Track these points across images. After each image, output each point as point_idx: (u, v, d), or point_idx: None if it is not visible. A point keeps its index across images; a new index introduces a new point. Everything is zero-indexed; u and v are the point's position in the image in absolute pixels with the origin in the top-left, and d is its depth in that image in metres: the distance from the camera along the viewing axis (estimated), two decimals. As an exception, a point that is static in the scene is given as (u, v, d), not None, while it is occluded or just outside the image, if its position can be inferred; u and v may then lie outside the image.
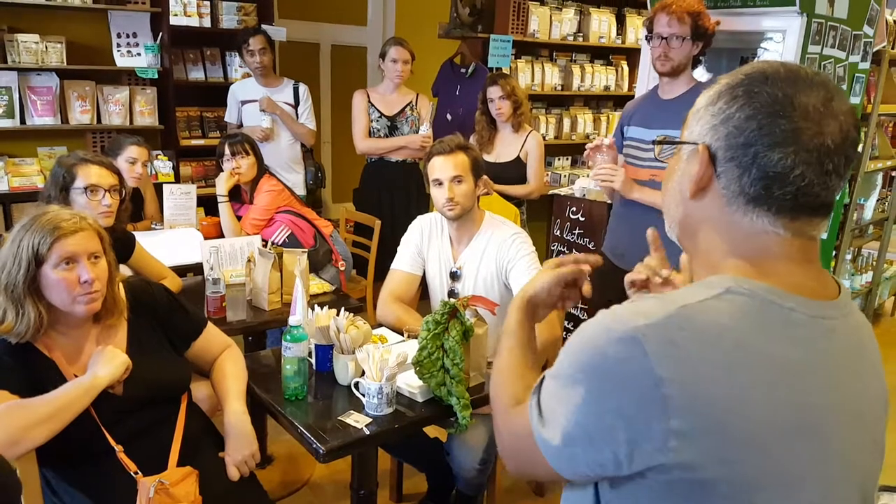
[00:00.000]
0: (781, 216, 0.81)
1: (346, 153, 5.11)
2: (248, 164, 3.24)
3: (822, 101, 0.79)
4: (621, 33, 5.45)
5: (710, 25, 2.42)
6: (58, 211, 1.59)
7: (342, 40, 5.56)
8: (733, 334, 0.77)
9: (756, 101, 0.80)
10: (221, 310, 2.42)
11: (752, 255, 0.84)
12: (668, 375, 0.74)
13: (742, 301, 0.79)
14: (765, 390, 0.76)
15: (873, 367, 0.90)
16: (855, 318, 0.89)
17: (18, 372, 1.52)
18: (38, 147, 3.89)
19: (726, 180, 0.83)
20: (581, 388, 0.80)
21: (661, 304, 0.79)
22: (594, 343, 0.80)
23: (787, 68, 0.82)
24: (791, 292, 0.82)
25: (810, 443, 0.79)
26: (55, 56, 3.72)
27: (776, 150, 0.79)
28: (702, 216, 0.87)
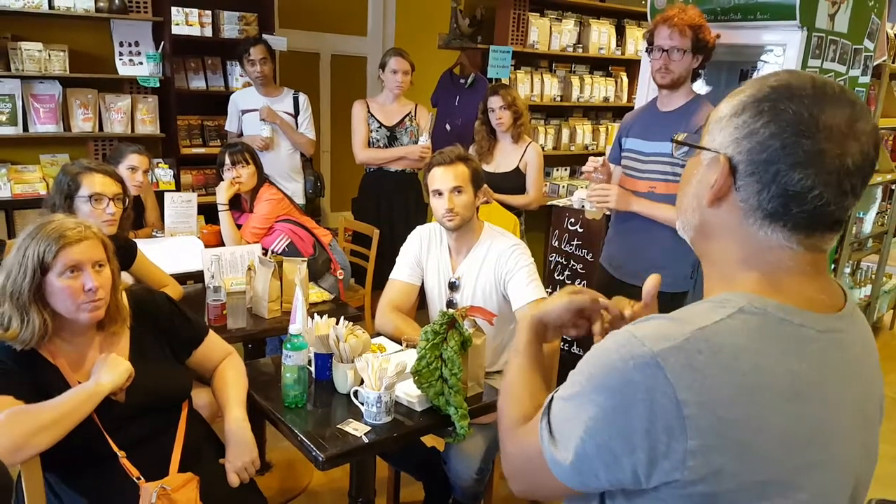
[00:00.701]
0: (797, 232, 0.83)
1: (345, 162, 5.13)
2: (248, 173, 3.26)
3: (846, 121, 0.80)
4: (621, 45, 5.49)
5: (711, 39, 2.44)
6: (63, 219, 1.62)
7: (342, 50, 5.60)
8: (749, 355, 0.78)
9: (782, 118, 0.80)
10: (222, 318, 2.44)
11: (766, 269, 0.85)
12: (688, 398, 0.75)
13: (756, 321, 0.81)
14: (781, 408, 0.78)
15: (875, 371, 0.93)
16: (860, 325, 0.92)
17: (23, 378, 1.54)
18: (41, 154, 3.91)
19: (745, 194, 0.83)
20: (597, 409, 0.80)
21: (677, 326, 0.80)
22: (613, 366, 0.80)
23: (815, 84, 0.82)
24: (802, 308, 0.83)
25: (818, 453, 0.81)
26: (58, 64, 3.75)
27: (797, 171, 0.79)
28: (718, 224, 0.88)
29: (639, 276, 2.51)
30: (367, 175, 4.02)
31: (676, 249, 2.59)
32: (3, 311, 1.55)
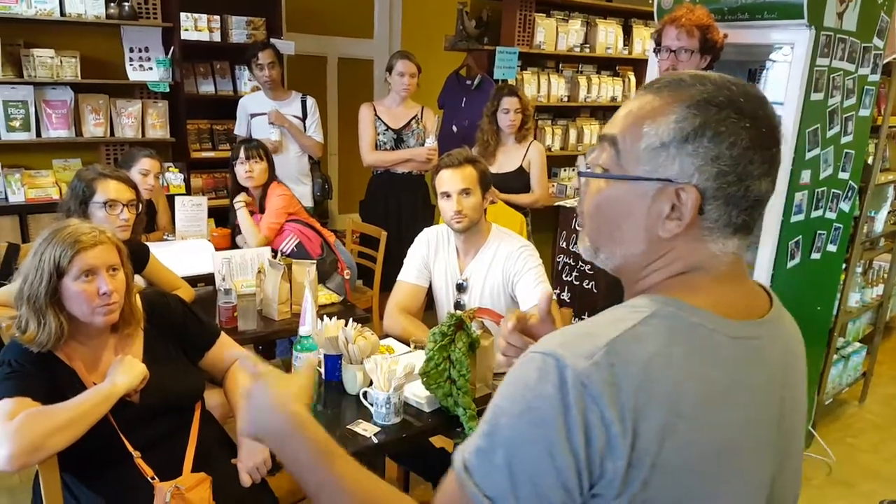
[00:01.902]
0: (746, 236, 0.83)
1: (352, 165, 5.15)
2: (260, 168, 3.30)
3: (773, 118, 0.81)
4: (628, 44, 5.49)
5: (719, 39, 2.44)
6: (78, 224, 1.65)
7: (349, 53, 5.62)
8: (659, 363, 0.74)
9: (743, 136, 0.78)
10: (233, 319, 2.47)
11: (694, 276, 0.82)
12: (613, 415, 0.71)
13: (666, 325, 0.77)
14: (692, 417, 0.75)
15: (798, 380, 0.91)
16: (784, 333, 0.89)
17: (40, 380, 1.57)
18: (53, 159, 3.96)
19: (715, 215, 0.80)
20: (521, 436, 0.74)
21: (591, 340, 0.75)
22: (538, 392, 0.74)
23: (739, 88, 0.80)
24: (718, 313, 0.80)
25: (729, 462, 0.79)
26: (70, 70, 3.79)
27: (763, 180, 0.80)
28: (670, 249, 0.83)
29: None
30: (374, 177, 4.04)
31: None
32: (21, 315, 1.59)
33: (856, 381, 3.82)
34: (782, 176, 2.59)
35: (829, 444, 3.31)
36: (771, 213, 2.65)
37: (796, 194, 2.65)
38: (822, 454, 3.27)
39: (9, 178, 3.72)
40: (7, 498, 2.69)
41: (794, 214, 2.67)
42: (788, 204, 2.63)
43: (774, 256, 2.67)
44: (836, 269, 3.05)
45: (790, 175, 2.60)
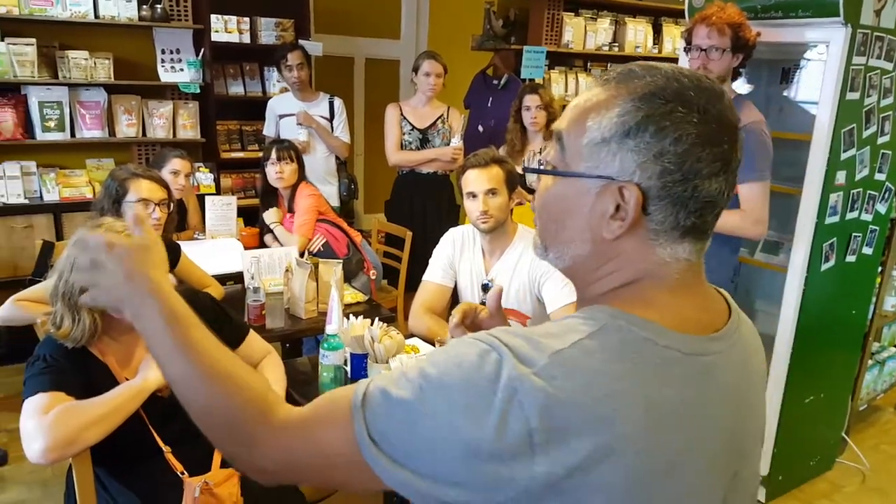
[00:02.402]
0: (698, 241, 0.78)
1: (378, 165, 5.17)
2: (290, 170, 3.32)
3: (726, 114, 0.76)
4: (658, 43, 5.44)
5: (751, 37, 2.40)
6: (111, 223, 1.67)
7: (376, 54, 5.65)
8: (604, 380, 0.71)
9: (689, 131, 0.73)
10: (261, 317, 2.49)
11: (648, 286, 0.78)
12: (539, 426, 0.68)
13: (616, 340, 0.73)
14: (635, 438, 0.70)
15: (755, 398, 0.86)
16: (741, 347, 0.83)
17: (75, 375, 1.60)
18: (87, 159, 4.04)
19: (661, 216, 0.75)
20: (436, 407, 0.71)
21: (536, 350, 0.71)
22: (466, 373, 0.71)
23: (692, 80, 0.75)
24: (672, 328, 0.76)
25: (675, 485, 0.74)
26: (103, 72, 3.86)
27: (714, 180, 0.74)
28: (616, 252, 0.79)
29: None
30: (399, 177, 4.05)
31: (716, 252, 2.56)
32: (56, 311, 1.62)
33: (891, 386, 3.73)
34: (816, 177, 2.57)
35: (863, 450, 3.24)
36: (805, 214, 2.61)
37: (831, 196, 2.60)
38: (855, 461, 3.21)
39: (44, 178, 3.79)
40: (40, 490, 2.74)
41: (829, 216, 2.62)
42: (823, 205, 2.58)
43: (808, 259, 2.62)
44: (872, 272, 2.99)
45: (825, 176, 2.55)
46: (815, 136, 2.55)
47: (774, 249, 2.90)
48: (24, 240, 3.62)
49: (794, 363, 2.72)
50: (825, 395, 2.97)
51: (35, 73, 3.66)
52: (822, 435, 3.11)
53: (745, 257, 2.87)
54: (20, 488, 2.76)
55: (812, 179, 2.57)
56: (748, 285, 3.21)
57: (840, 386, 3.11)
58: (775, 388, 2.76)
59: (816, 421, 2.99)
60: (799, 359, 2.73)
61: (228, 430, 0.82)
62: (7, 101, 3.65)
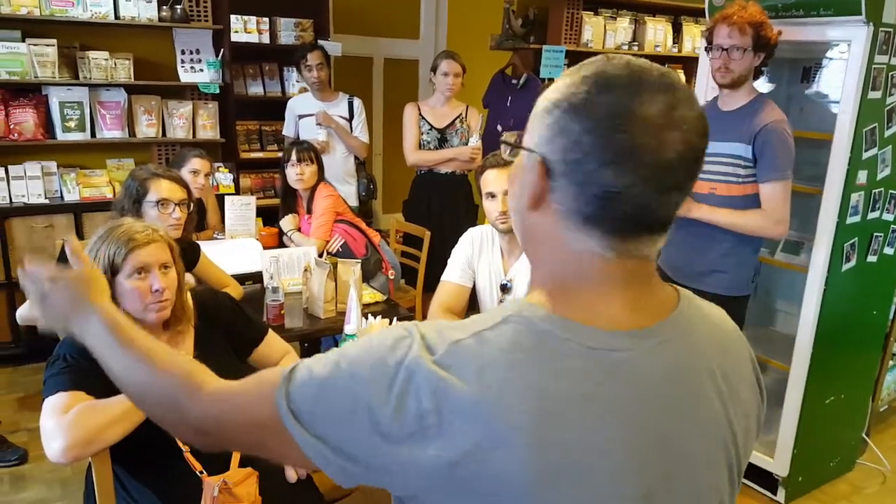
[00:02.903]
0: (612, 237, 0.75)
1: (396, 165, 5.18)
2: (310, 171, 3.34)
3: (665, 110, 0.72)
4: (678, 42, 5.41)
5: (773, 36, 2.38)
6: (131, 223, 1.69)
7: (395, 54, 5.66)
8: (496, 369, 0.72)
9: (595, 112, 0.72)
10: (280, 317, 2.51)
11: (567, 279, 0.78)
12: (431, 408, 0.71)
13: (514, 330, 0.74)
14: (526, 425, 0.70)
15: (696, 402, 0.80)
16: (681, 346, 0.80)
17: (95, 375, 1.59)
18: (107, 159, 4.08)
19: (561, 196, 0.75)
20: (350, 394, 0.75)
21: (440, 339, 0.75)
22: (380, 352, 0.76)
23: (631, 70, 0.74)
24: (579, 321, 0.75)
25: (580, 478, 0.72)
26: (123, 72, 3.90)
27: (612, 168, 0.72)
28: (539, 229, 0.80)
29: (698, 279, 2.50)
30: (417, 177, 4.06)
31: (737, 252, 2.54)
32: (77, 311, 1.63)
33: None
34: (838, 177, 2.54)
35: (883, 451, 3.20)
36: (826, 214, 2.58)
37: (852, 195, 2.57)
38: (876, 462, 3.17)
39: (64, 178, 3.84)
40: (60, 489, 2.78)
41: (850, 216, 2.59)
42: (844, 205, 2.55)
43: (829, 259, 2.60)
44: (893, 272, 2.95)
45: (846, 175, 2.52)
46: (837, 135, 2.52)
47: (795, 249, 2.87)
48: (45, 239, 3.67)
49: (814, 364, 2.70)
50: (845, 395, 2.94)
51: (56, 74, 3.71)
52: (843, 436, 3.08)
53: (765, 257, 2.85)
54: (40, 487, 2.79)
55: (833, 179, 2.55)
56: (768, 285, 3.18)
57: (860, 387, 3.08)
58: (795, 389, 2.74)
59: (837, 422, 2.96)
60: (819, 359, 2.70)
61: (164, 405, 0.92)
62: (28, 102, 3.70)
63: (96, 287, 1.05)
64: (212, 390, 0.89)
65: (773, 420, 2.90)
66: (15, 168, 3.69)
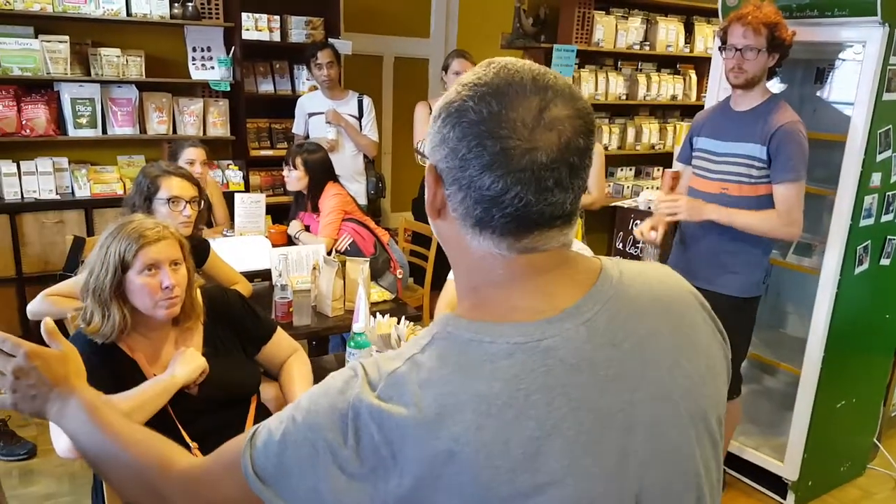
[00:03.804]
0: (505, 237, 0.76)
1: (406, 163, 5.18)
2: (295, 176, 3.37)
3: (535, 111, 0.73)
4: (689, 42, 5.38)
5: (788, 37, 2.36)
6: (142, 220, 1.69)
7: (405, 52, 5.65)
8: (430, 388, 0.73)
9: (466, 120, 0.74)
10: (288, 315, 2.51)
11: (478, 283, 0.80)
12: (382, 441, 0.72)
13: (441, 348, 0.76)
14: (470, 434, 0.70)
15: (642, 365, 0.78)
16: (608, 315, 0.78)
17: (104, 371, 1.61)
18: (118, 156, 4.09)
19: (453, 202, 0.77)
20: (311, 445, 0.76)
21: (380, 369, 0.76)
22: (331, 396, 0.77)
23: (500, 76, 0.75)
24: (501, 321, 0.76)
25: (541, 469, 0.71)
26: (135, 69, 3.91)
27: (487, 174, 0.73)
28: (445, 236, 0.82)
29: (709, 280, 2.48)
30: (428, 176, 4.04)
31: (748, 253, 2.53)
32: (86, 307, 1.64)
33: (926, 393, 3.65)
34: (851, 179, 2.52)
35: (894, 457, 3.18)
36: (839, 216, 2.56)
37: (866, 198, 2.55)
38: (887, 468, 3.15)
39: (76, 174, 3.85)
40: (69, 483, 2.79)
41: (864, 219, 2.57)
42: (857, 208, 2.53)
43: (842, 262, 2.57)
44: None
45: (859, 178, 2.50)
46: (850, 137, 2.50)
47: (807, 251, 2.85)
48: (56, 235, 3.68)
49: (825, 367, 2.67)
50: (857, 400, 2.91)
51: (68, 71, 3.72)
52: (854, 440, 3.05)
53: (776, 259, 2.82)
54: (49, 481, 2.81)
55: (846, 181, 2.53)
56: (779, 288, 3.16)
57: (872, 391, 3.05)
58: (806, 393, 2.72)
59: (848, 426, 2.94)
60: (830, 363, 2.68)
61: (142, 488, 0.95)
62: (40, 98, 3.71)
63: (75, 368, 1.07)
64: (182, 470, 0.92)
65: (783, 423, 2.89)
66: (26, 164, 3.70)
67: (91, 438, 1.00)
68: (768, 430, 3.05)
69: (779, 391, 3.19)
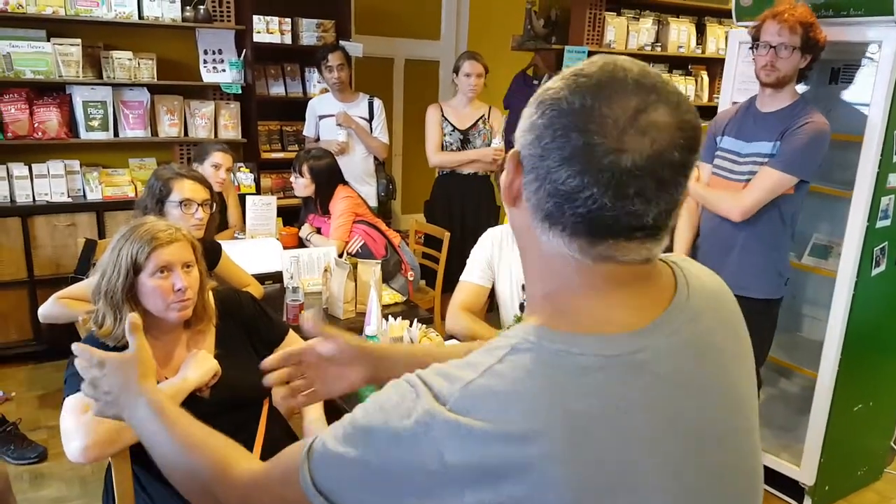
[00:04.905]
0: (576, 238, 0.72)
1: (416, 165, 5.17)
2: (301, 183, 3.38)
3: (630, 112, 0.68)
4: (701, 43, 5.35)
5: (821, 38, 2.33)
6: (154, 222, 1.68)
7: (415, 55, 5.65)
8: (516, 404, 0.69)
9: (556, 108, 0.71)
10: (300, 317, 2.50)
11: (555, 286, 0.76)
12: (458, 460, 0.68)
13: (527, 359, 0.71)
14: (562, 453, 0.67)
15: (721, 375, 0.79)
16: (693, 326, 0.77)
17: (116, 373, 1.61)
18: (130, 158, 4.10)
19: (528, 192, 0.74)
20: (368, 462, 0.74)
21: (449, 384, 0.72)
22: (391, 413, 0.73)
23: (604, 70, 0.71)
24: (588, 332, 0.72)
25: (635, 491, 0.70)
26: (146, 72, 3.92)
27: (565, 167, 0.69)
28: (518, 226, 0.79)
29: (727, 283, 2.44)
30: (439, 178, 4.04)
31: (768, 255, 2.50)
32: (98, 309, 1.63)
33: (943, 396, 3.61)
34: (867, 180, 2.49)
35: (913, 462, 3.14)
36: (855, 218, 2.53)
37: (882, 199, 2.52)
38: (905, 473, 3.11)
39: (87, 177, 3.87)
40: (79, 487, 2.79)
41: (880, 220, 2.54)
42: (874, 209, 2.50)
43: (858, 263, 2.54)
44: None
45: (876, 179, 2.47)
46: (867, 137, 2.47)
47: (823, 253, 2.82)
48: (67, 238, 3.69)
49: (842, 370, 2.64)
50: (874, 403, 2.88)
51: (80, 73, 3.73)
52: (871, 444, 3.02)
53: (792, 261, 2.79)
54: (59, 485, 2.80)
55: (863, 182, 2.49)
56: (795, 290, 3.13)
57: (889, 394, 3.01)
58: (822, 396, 2.68)
59: (865, 430, 2.90)
60: (847, 366, 2.65)
61: (203, 488, 0.96)
62: (52, 101, 3.72)
63: (144, 369, 1.11)
64: (239, 475, 0.91)
65: (799, 428, 2.85)
66: (38, 166, 3.72)
67: (156, 438, 1.02)
68: (784, 434, 3.01)
69: (795, 394, 3.16)
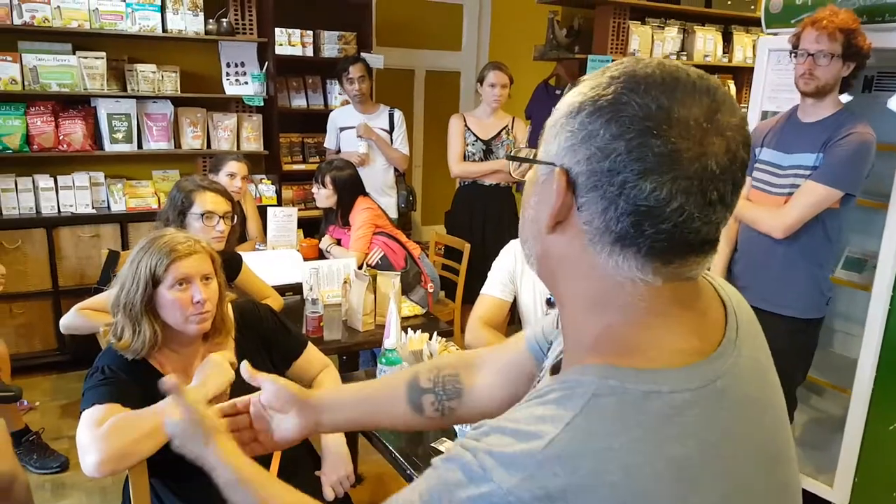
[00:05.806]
0: (652, 259, 0.65)
1: (436, 176, 5.15)
2: (323, 194, 3.37)
3: (706, 113, 0.63)
4: (728, 52, 5.28)
5: (865, 45, 2.25)
6: (174, 234, 1.67)
7: (436, 66, 5.64)
8: (614, 459, 0.61)
9: (624, 114, 0.63)
10: (319, 329, 2.48)
11: (619, 317, 0.68)
12: None
13: (613, 406, 0.63)
14: None
15: (773, 395, 0.75)
16: (748, 346, 0.72)
17: (133, 387, 1.59)
18: (153, 170, 4.13)
19: (589, 214, 0.65)
20: None
21: (524, 446, 0.62)
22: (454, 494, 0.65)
23: (665, 70, 0.65)
24: (669, 366, 0.66)
25: None
26: (170, 84, 3.94)
27: (648, 179, 0.62)
28: (561, 255, 0.70)
29: (767, 300, 2.37)
30: (461, 188, 4.01)
31: (811, 272, 2.42)
32: (117, 322, 1.62)
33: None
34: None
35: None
36: (891, 230, 2.44)
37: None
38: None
39: (111, 188, 3.89)
40: (99, 497, 2.78)
41: (917, 232, 2.45)
42: (910, 220, 2.42)
43: (895, 278, 2.46)
44: None
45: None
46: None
47: (858, 267, 2.74)
48: (91, 249, 3.71)
49: (877, 388, 2.55)
50: (911, 423, 2.78)
51: (104, 86, 3.76)
52: (907, 466, 2.91)
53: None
54: (80, 495, 2.80)
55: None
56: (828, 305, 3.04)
57: (927, 414, 2.91)
58: (856, 415, 2.60)
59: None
60: (883, 383, 2.56)
61: None
62: (77, 114, 3.76)
63: (203, 429, 1.09)
64: None
65: (832, 447, 2.76)
66: (63, 178, 3.75)
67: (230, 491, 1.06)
68: (816, 453, 2.92)
69: (827, 413, 3.07)
